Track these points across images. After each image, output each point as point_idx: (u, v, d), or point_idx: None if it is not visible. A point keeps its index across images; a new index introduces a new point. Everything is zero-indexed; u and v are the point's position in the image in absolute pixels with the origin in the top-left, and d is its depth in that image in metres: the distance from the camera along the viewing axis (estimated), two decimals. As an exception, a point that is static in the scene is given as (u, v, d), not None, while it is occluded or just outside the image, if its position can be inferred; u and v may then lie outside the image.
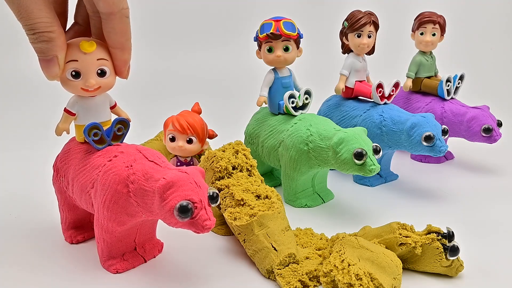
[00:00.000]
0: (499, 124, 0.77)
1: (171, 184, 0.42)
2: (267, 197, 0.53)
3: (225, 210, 0.54)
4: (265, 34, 0.63)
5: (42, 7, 0.42)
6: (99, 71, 0.46)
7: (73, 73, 0.45)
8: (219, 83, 1.26)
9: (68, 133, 0.49)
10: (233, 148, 0.59)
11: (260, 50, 0.66)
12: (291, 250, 0.48)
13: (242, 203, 0.52)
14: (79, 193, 0.49)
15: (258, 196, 0.53)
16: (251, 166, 0.58)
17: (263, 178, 0.58)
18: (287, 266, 0.48)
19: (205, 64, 1.31)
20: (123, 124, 0.50)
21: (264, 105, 0.67)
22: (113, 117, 0.51)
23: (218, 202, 0.45)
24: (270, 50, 0.65)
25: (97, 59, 0.46)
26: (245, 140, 0.72)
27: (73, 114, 0.48)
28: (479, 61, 1.34)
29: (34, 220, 0.61)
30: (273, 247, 0.48)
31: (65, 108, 0.48)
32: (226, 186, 0.55)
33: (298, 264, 0.48)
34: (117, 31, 0.45)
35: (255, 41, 0.66)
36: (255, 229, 0.49)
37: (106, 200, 0.46)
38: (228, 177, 0.56)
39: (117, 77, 0.48)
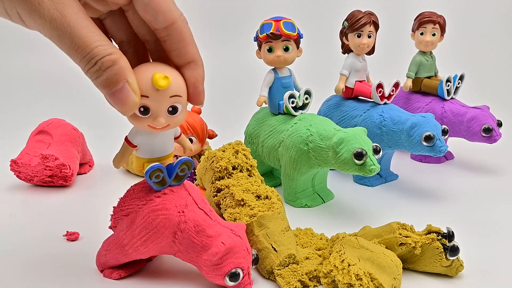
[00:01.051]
0: (499, 124, 0.77)
1: (228, 251, 0.44)
2: (267, 197, 0.53)
3: (225, 210, 0.54)
4: (265, 34, 0.63)
5: (93, 29, 0.36)
6: (170, 109, 0.40)
7: (142, 109, 0.39)
8: (219, 83, 1.26)
9: (127, 166, 0.45)
10: (233, 148, 0.59)
11: (260, 50, 0.66)
12: (291, 250, 0.48)
13: (242, 203, 0.52)
14: None
15: (258, 197, 0.53)
16: (251, 166, 0.58)
17: (263, 178, 0.58)
18: (286, 266, 0.48)
19: (205, 64, 1.31)
20: (187, 164, 0.45)
21: (264, 105, 0.67)
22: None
23: (258, 263, 0.48)
24: (270, 50, 0.65)
25: (170, 96, 0.39)
26: (245, 140, 0.72)
27: (135, 146, 0.43)
28: (479, 61, 1.34)
29: (34, 220, 0.61)
30: (273, 247, 0.48)
31: (126, 137, 0.43)
32: (226, 186, 0.55)
33: (297, 265, 0.48)
34: (185, 40, 0.40)
35: (255, 41, 0.66)
36: (255, 229, 0.49)
37: (145, 237, 0.45)
38: (228, 177, 0.56)
39: None
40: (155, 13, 0.38)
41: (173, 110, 0.40)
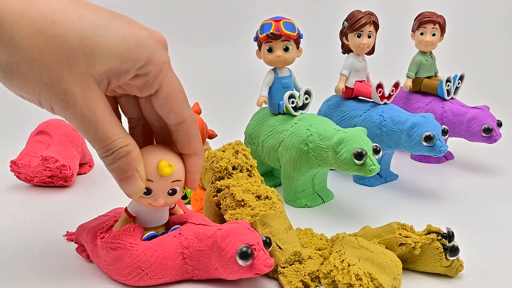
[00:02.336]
0: (499, 124, 0.77)
1: (228, 233, 0.44)
2: (267, 197, 0.53)
3: (225, 210, 0.54)
4: (265, 34, 0.63)
5: (115, 123, 0.40)
6: (170, 191, 0.45)
7: (145, 190, 0.44)
8: (219, 83, 1.26)
9: None
10: (233, 148, 0.59)
11: (260, 50, 0.66)
12: (296, 248, 0.48)
13: (242, 203, 0.52)
14: None
15: (259, 197, 0.53)
16: (251, 166, 0.58)
17: (263, 179, 0.58)
18: (292, 264, 0.48)
19: (205, 64, 1.31)
20: None
21: (264, 105, 0.67)
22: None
23: (271, 248, 0.47)
24: (270, 50, 0.65)
25: (172, 181, 0.44)
26: (245, 140, 0.72)
27: (133, 217, 0.48)
28: (479, 61, 1.34)
29: (34, 220, 0.61)
30: (278, 245, 0.48)
31: (126, 208, 0.48)
32: (226, 187, 0.55)
33: (301, 264, 0.48)
34: (191, 137, 0.44)
35: (255, 41, 0.66)
36: (259, 228, 0.49)
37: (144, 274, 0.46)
38: (228, 177, 0.56)
39: None
40: (168, 112, 0.43)
41: (172, 192, 0.45)
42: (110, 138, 0.39)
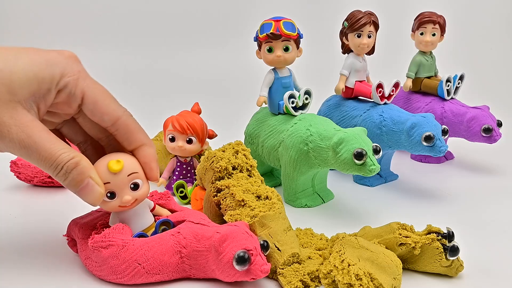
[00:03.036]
0: (499, 124, 0.77)
1: (225, 237, 0.45)
2: (267, 197, 0.53)
3: (225, 210, 0.54)
4: (265, 34, 0.63)
5: (55, 140, 0.42)
6: (132, 186, 0.46)
7: (108, 194, 0.45)
8: (219, 83, 1.27)
9: None
10: (233, 148, 0.59)
11: (260, 50, 0.66)
12: (295, 249, 0.48)
13: (242, 204, 0.52)
14: None
15: (259, 197, 0.53)
16: (251, 166, 0.58)
17: (263, 178, 0.58)
18: (290, 265, 0.48)
19: (205, 64, 1.31)
20: (166, 224, 0.50)
21: (264, 105, 0.67)
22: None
23: (269, 251, 0.47)
24: (270, 50, 0.65)
25: (128, 175, 0.46)
26: (245, 140, 0.72)
27: None
28: (479, 61, 1.34)
29: (34, 220, 0.61)
30: (276, 247, 0.48)
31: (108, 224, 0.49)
32: (226, 187, 0.55)
33: (300, 264, 0.48)
34: (132, 130, 0.47)
35: (255, 41, 0.66)
36: (257, 229, 0.49)
37: (142, 270, 0.46)
38: (228, 178, 0.56)
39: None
40: (101, 115, 0.45)
41: (135, 187, 0.46)
42: (54, 155, 0.42)
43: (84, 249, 0.48)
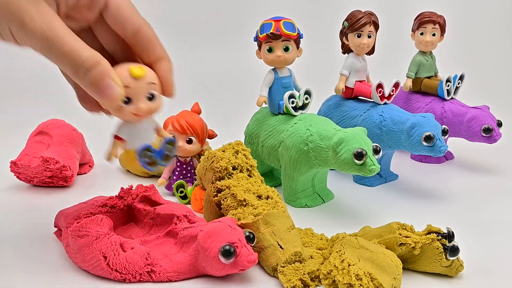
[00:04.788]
0: (499, 124, 0.77)
1: (209, 234, 0.46)
2: (268, 197, 0.53)
3: (226, 210, 0.54)
4: (265, 34, 0.63)
5: (77, 38, 0.41)
6: (149, 95, 0.45)
7: (126, 99, 0.44)
8: (219, 83, 1.26)
9: (117, 157, 0.49)
10: (233, 148, 0.59)
11: (260, 50, 0.66)
12: (297, 248, 0.48)
13: (244, 203, 0.52)
14: None
15: (259, 197, 0.53)
16: (251, 166, 0.58)
17: (263, 178, 0.58)
18: (292, 264, 0.48)
19: (205, 64, 1.31)
20: (171, 144, 0.49)
21: (264, 105, 0.67)
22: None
23: (255, 242, 0.48)
24: (270, 50, 0.64)
25: (147, 83, 0.45)
26: (245, 140, 0.72)
27: (122, 139, 0.48)
28: (479, 61, 1.34)
29: (34, 220, 0.61)
30: (279, 245, 0.48)
31: (114, 134, 0.48)
32: (226, 187, 0.55)
33: (301, 263, 0.48)
34: (153, 41, 0.46)
35: (255, 41, 0.66)
36: (261, 227, 0.49)
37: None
38: (228, 178, 0.56)
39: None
40: (123, 22, 0.44)
41: (151, 97, 0.45)
42: (76, 50, 0.40)
43: (66, 237, 0.50)
